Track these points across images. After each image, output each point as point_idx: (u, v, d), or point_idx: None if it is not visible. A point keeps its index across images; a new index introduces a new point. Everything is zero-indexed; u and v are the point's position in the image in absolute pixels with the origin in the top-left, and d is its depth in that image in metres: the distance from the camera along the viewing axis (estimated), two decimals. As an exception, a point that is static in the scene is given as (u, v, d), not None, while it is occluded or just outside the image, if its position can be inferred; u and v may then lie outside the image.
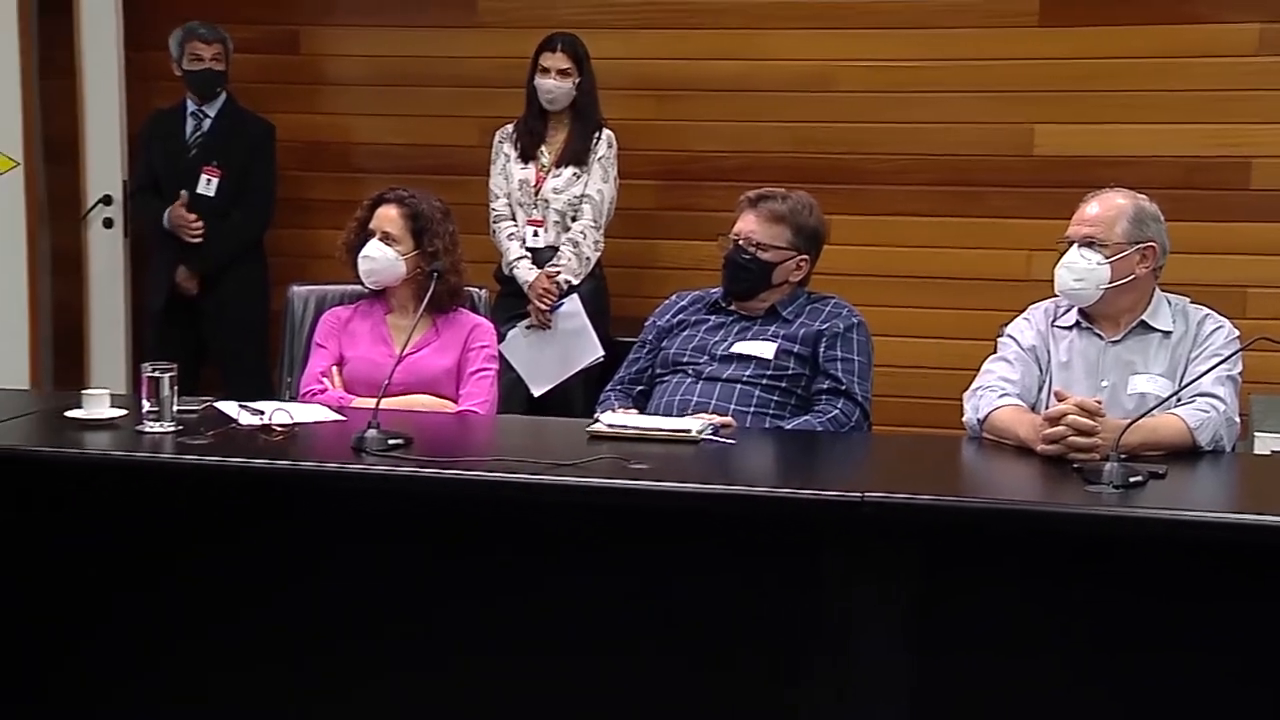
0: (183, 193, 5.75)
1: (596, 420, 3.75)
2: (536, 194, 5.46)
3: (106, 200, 6.29)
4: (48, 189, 6.26)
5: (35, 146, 6.13)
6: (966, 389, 3.72)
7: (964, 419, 3.69)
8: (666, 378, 4.08)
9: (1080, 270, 3.64)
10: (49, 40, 6.18)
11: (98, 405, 3.74)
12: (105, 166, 6.29)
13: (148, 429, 3.59)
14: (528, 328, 5.39)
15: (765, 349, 4.00)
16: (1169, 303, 3.72)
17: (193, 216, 5.76)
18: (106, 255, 6.36)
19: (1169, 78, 5.61)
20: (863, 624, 3.15)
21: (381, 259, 4.16)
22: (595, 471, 3.30)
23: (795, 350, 3.99)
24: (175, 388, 3.64)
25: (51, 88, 6.20)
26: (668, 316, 4.20)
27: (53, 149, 6.25)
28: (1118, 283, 3.64)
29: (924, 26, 5.77)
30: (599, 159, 5.46)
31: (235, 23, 6.03)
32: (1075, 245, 3.66)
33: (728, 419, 3.77)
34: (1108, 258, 3.63)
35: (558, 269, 5.37)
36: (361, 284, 4.27)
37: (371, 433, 3.48)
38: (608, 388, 4.21)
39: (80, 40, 6.21)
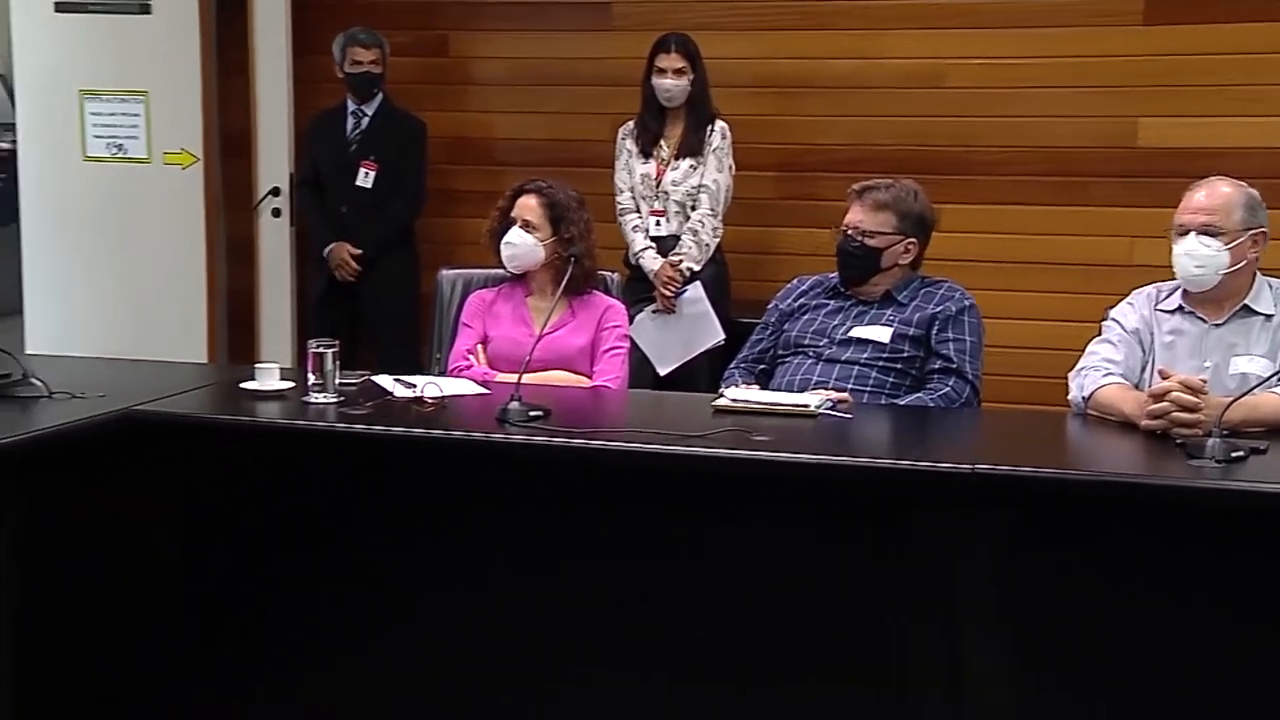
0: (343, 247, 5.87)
1: (721, 395, 3.73)
2: (657, 186, 5.44)
3: (275, 192, 6.36)
4: (223, 182, 6.36)
5: (213, 143, 6.24)
6: (1071, 369, 3.65)
7: (1069, 397, 3.62)
8: (788, 358, 4.04)
9: (1202, 257, 3.54)
10: (226, 46, 6.28)
11: (269, 378, 3.79)
12: (274, 161, 6.37)
13: (313, 400, 3.63)
14: (654, 312, 5.38)
15: (882, 333, 3.94)
16: (1270, 287, 3.62)
17: (353, 262, 5.86)
18: (274, 242, 6.44)
19: (1268, 72, 5.46)
20: (970, 591, 3.11)
21: (522, 245, 4.17)
22: (720, 442, 3.29)
23: (910, 333, 3.93)
24: (337, 363, 3.69)
25: (228, 89, 6.31)
26: (789, 300, 4.16)
27: (228, 145, 6.35)
28: (1234, 268, 3.55)
29: (1033, 25, 5.67)
30: (714, 150, 5.42)
31: (391, 29, 6.09)
32: (1192, 233, 3.56)
33: (844, 395, 3.73)
34: (1226, 244, 3.54)
35: (680, 257, 5.36)
36: (504, 268, 4.28)
37: (514, 405, 3.49)
38: (731, 365, 4.18)
39: (254, 46, 6.30)
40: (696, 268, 5.36)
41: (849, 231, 4.01)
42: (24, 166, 6.41)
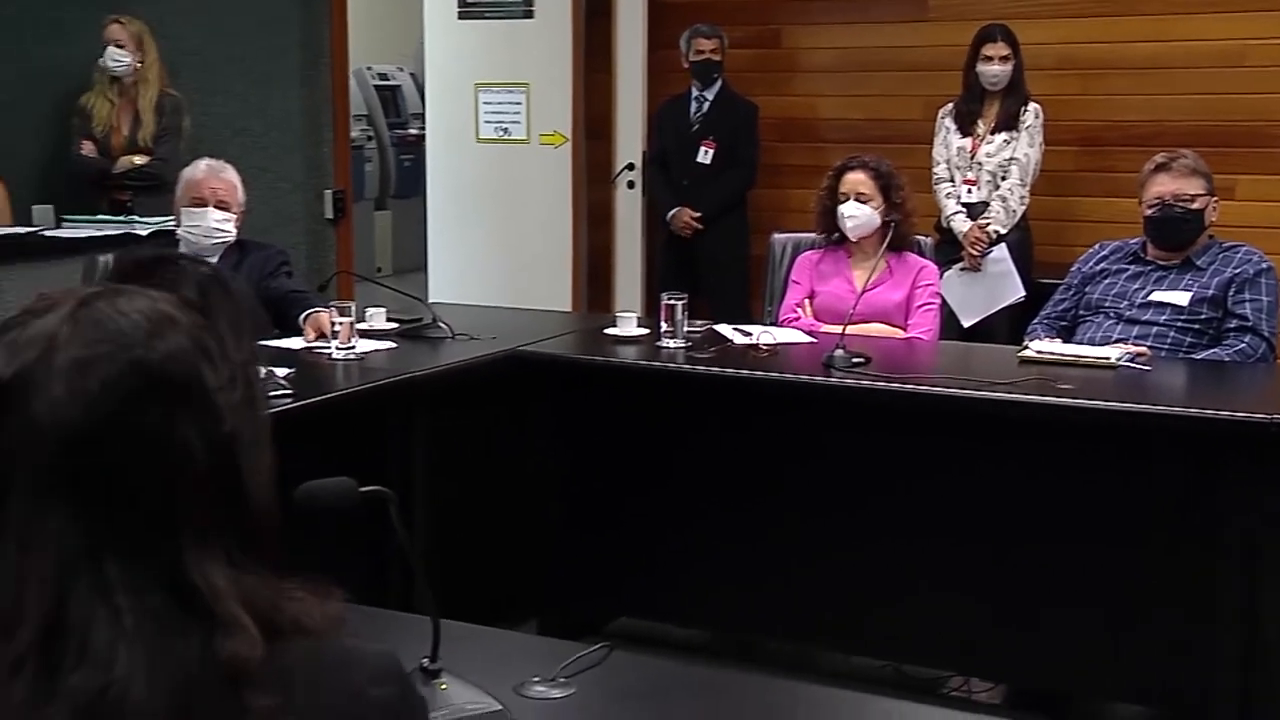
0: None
1: (1026, 347, 3.60)
2: (972, 158, 5.29)
3: (630, 167, 6.46)
4: (587, 159, 6.48)
5: (580, 126, 6.35)
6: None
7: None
8: (1089, 318, 3.86)
9: None
10: (593, 44, 6.39)
11: (628, 325, 3.86)
12: (629, 141, 6.46)
13: (665, 345, 3.68)
14: (961, 270, 5.24)
15: (1181, 297, 3.72)
16: None
17: (693, 223, 5.87)
18: (628, 210, 6.53)
19: None
20: (1268, 538, 2.91)
21: (862, 215, 4.09)
22: (1026, 389, 3.18)
23: (1209, 295, 3.69)
24: (686, 313, 3.72)
25: (593, 80, 6.41)
26: (1091, 264, 3.97)
27: (591, 127, 6.45)
28: None
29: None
30: (1026, 127, 5.23)
31: (731, 24, 6.07)
32: None
33: (1143, 349, 3.55)
34: None
35: (988, 220, 5.19)
36: (825, 233, 4.22)
37: (839, 352, 3.47)
38: (1035, 321, 4.03)
39: (616, 43, 6.39)
40: (1003, 231, 5.19)
41: (1168, 200, 3.77)
42: (430, 148, 6.70)
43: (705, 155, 5.94)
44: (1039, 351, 3.52)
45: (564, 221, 6.36)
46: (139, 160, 4.88)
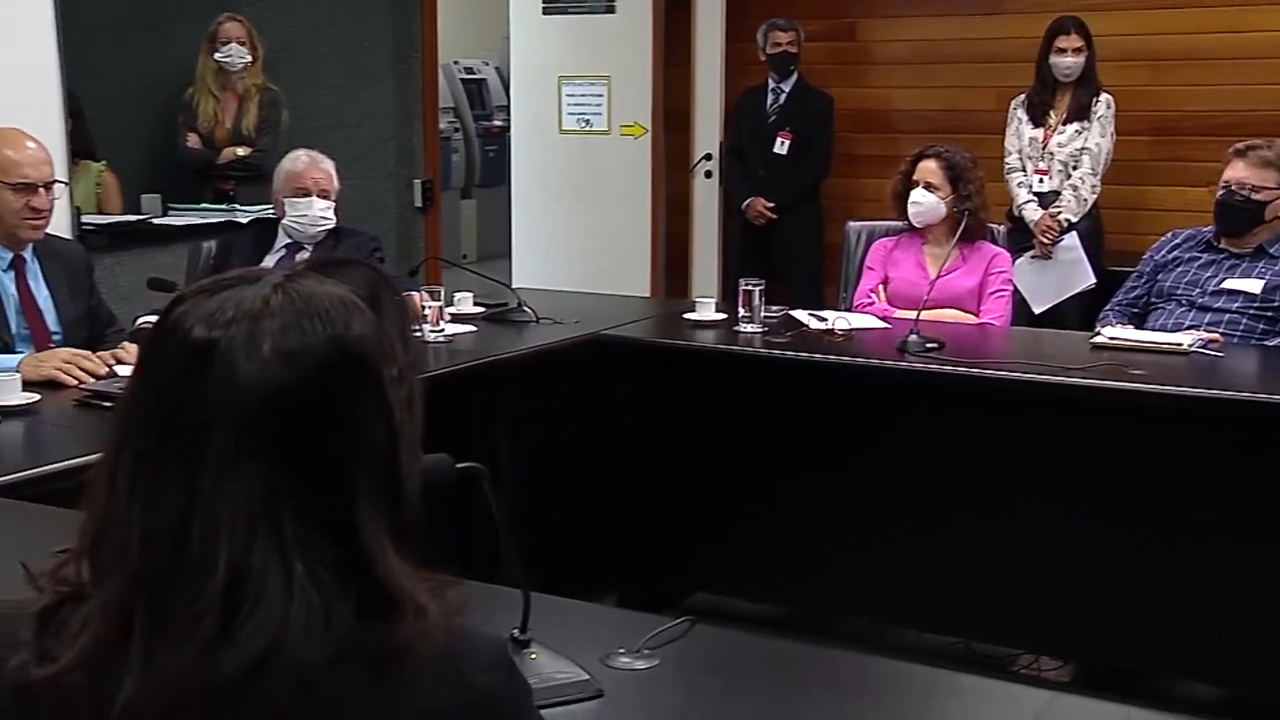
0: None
1: (1098, 333, 3.55)
2: (1044, 148, 5.20)
3: (707, 157, 6.45)
4: (666, 149, 6.47)
5: (659, 117, 6.35)
6: None
7: None
8: (1161, 305, 3.79)
9: None
10: (672, 38, 6.37)
11: (706, 310, 3.85)
12: (707, 132, 6.44)
13: (742, 329, 3.67)
14: (1032, 257, 5.16)
15: (1254, 285, 3.64)
16: None
17: (767, 212, 5.83)
18: (705, 199, 6.52)
19: None
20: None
21: (926, 203, 4.05)
22: (1098, 374, 3.14)
23: (1283, 283, 3.62)
24: (763, 298, 3.71)
25: (672, 73, 6.39)
26: (1164, 252, 3.90)
27: (671, 119, 6.43)
28: None
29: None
30: (1098, 118, 5.13)
31: (807, 18, 6.03)
32: None
33: (1215, 335, 3.47)
34: None
35: (1059, 209, 5.11)
36: (902, 222, 4.18)
37: (912, 337, 3.44)
38: (1107, 307, 3.96)
39: (695, 37, 6.38)
40: (1074, 219, 5.11)
41: (1232, 187, 3.70)
42: (514, 139, 6.73)
43: (781, 146, 5.91)
44: (1111, 337, 3.47)
45: (643, 210, 6.36)
46: (241, 152, 4.95)
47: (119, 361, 2.99)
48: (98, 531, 0.96)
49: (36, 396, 2.76)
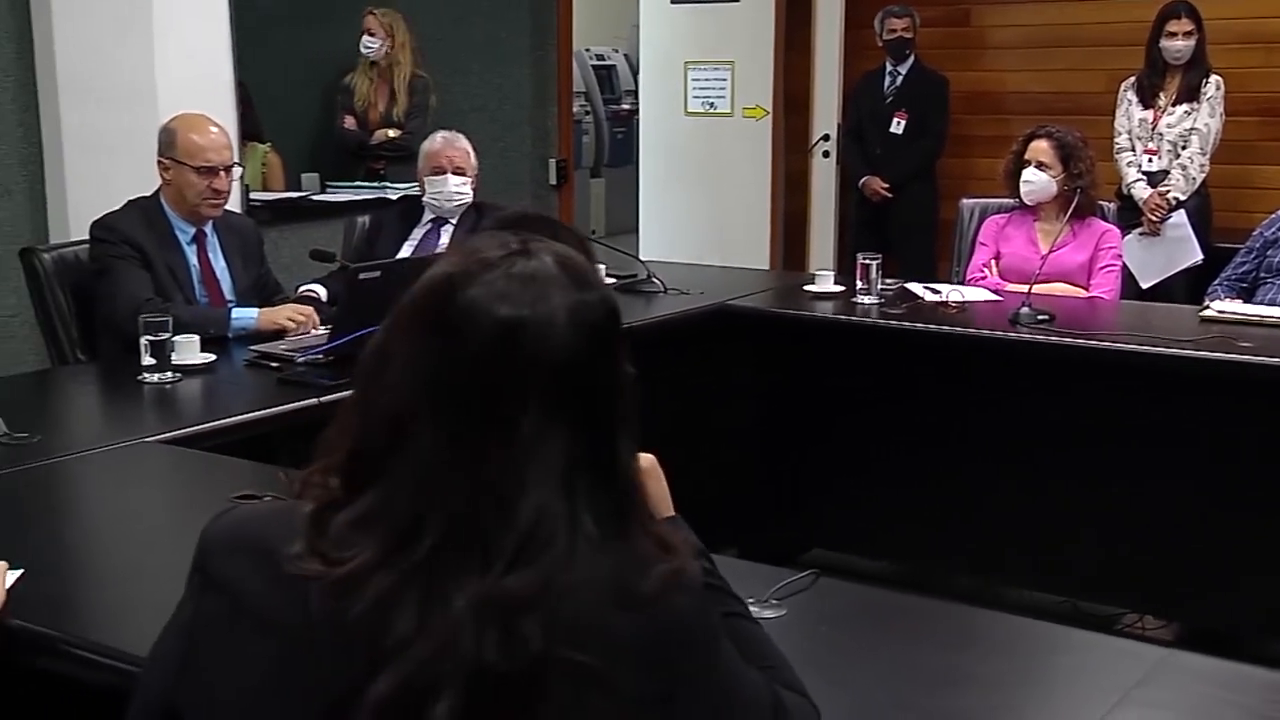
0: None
1: (1207, 307, 3.43)
2: (1153, 129, 5.03)
3: (825, 138, 6.39)
4: (785, 131, 6.41)
5: (780, 100, 6.30)
6: None
7: None
8: (1270, 280, 3.66)
9: None
10: (793, 25, 6.31)
11: (825, 282, 3.81)
12: (825, 114, 6.38)
13: (860, 301, 3.63)
14: (1140, 234, 5.01)
15: (1364, 261, 3.50)
16: None
17: (882, 191, 5.75)
18: (823, 177, 6.46)
19: None
20: None
21: (1039, 181, 3.95)
22: (1207, 346, 3.04)
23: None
24: (880, 272, 3.66)
25: (792, 59, 6.33)
26: (1274, 229, 3.75)
27: (790, 102, 6.38)
28: None
29: None
30: (1208, 99, 4.94)
31: (922, 4, 5.91)
32: None
33: (1326, 310, 3.34)
34: None
35: (1168, 187, 4.94)
36: (1010, 199, 4.08)
37: (1024, 309, 3.37)
38: (1215, 282, 3.83)
39: (814, 24, 6.32)
40: (1182, 197, 4.94)
41: None
42: (643, 121, 6.73)
43: (897, 126, 5.82)
44: (1220, 311, 3.36)
45: (763, 188, 6.32)
46: (392, 134, 5.03)
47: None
48: (352, 452, 1.01)
49: (212, 357, 2.86)
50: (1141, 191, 5.00)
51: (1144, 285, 5.00)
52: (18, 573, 1.64)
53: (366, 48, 4.99)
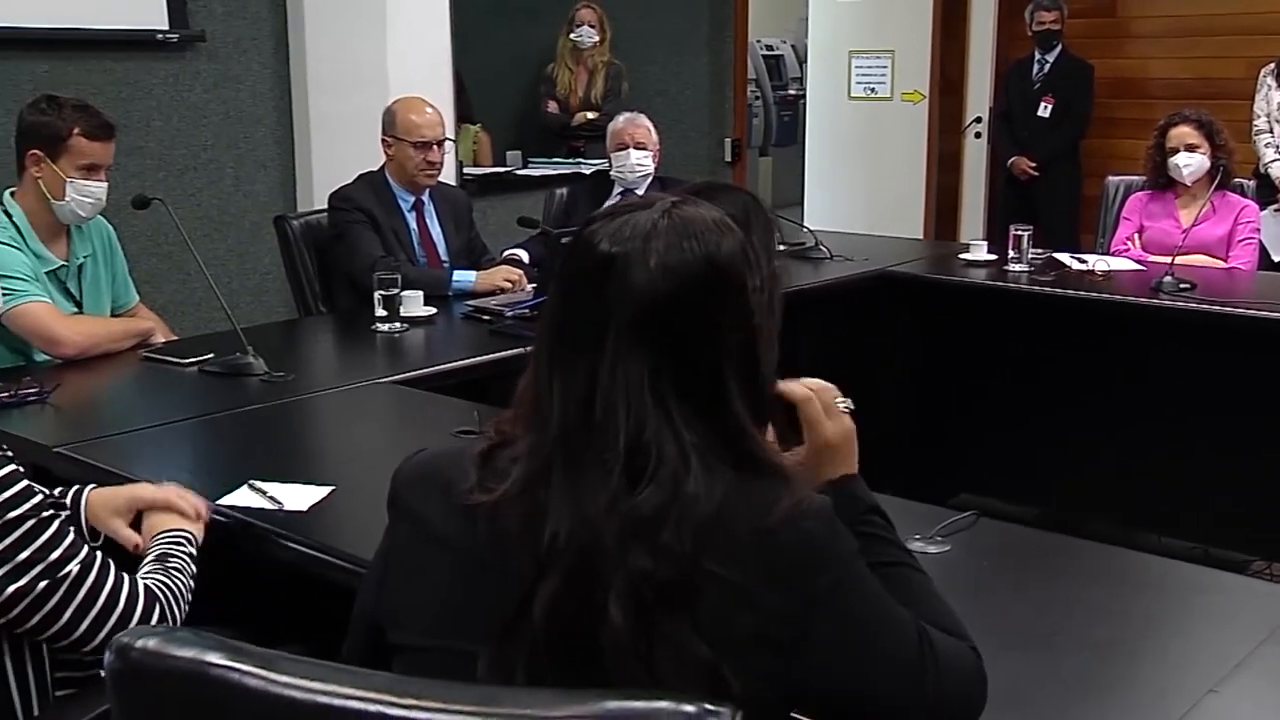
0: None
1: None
2: (1291, 112, 4.72)
3: (978, 120, 6.19)
4: (941, 113, 6.24)
5: (936, 85, 6.14)
6: None
7: None
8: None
9: None
10: (949, 15, 6.12)
11: (979, 251, 3.69)
12: (978, 97, 6.18)
13: (1011, 268, 3.51)
14: (1276, 210, 4.70)
15: None
16: None
17: (1029, 170, 5.51)
18: (974, 157, 6.26)
19: None
20: None
21: (1195, 162, 3.72)
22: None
23: None
24: (1030, 242, 3.53)
25: (948, 46, 6.15)
26: None
27: (946, 87, 6.20)
28: None
29: None
30: (1344, 82, 4.61)
31: (1072, -3, 5.66)
32: None
33: None
34: None
35: (1303, 167, 4.63)
36: (1153, 184, 3.86)
37: (1167, 279, 3.21)
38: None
39: (970, 14, 6.11)
40: (1317, 176, 4.62)
41: None
42: (810, 105, 6.64)
43: (1044, 110, 5.60)
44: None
45: (919, 166, 6.18)
46: (591, 116, 5.07)
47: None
48: (526, 398, 1.02)
49: (433, 310, 2.93)
50: (1278, 170, 4.70)
51: (1276, 258, 4.71)
52: (329, 489, 1.72)
53: (580, 37, 5.04)
